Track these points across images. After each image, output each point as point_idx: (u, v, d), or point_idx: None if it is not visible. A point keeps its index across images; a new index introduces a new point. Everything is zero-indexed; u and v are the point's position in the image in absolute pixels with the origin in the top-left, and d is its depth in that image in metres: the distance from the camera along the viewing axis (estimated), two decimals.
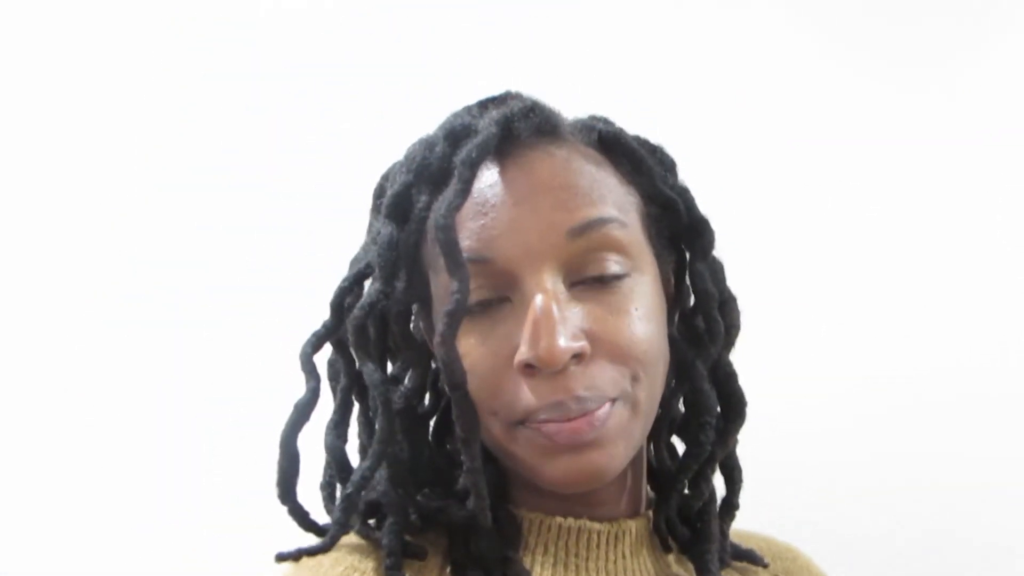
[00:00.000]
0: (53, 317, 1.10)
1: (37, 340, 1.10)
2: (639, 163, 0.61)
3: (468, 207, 0.55)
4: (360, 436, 0.64)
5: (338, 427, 0.63)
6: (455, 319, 0.53)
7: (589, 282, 0.55)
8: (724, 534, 0.66)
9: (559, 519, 0.60)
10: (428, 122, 0.64)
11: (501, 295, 0.55)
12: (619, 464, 0.55)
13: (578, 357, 0.53)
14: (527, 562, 0.59)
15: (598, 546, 0.60)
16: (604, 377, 0.54)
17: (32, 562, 1.05)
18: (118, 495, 1.06)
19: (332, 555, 0.58)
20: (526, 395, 0.53)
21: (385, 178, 0.64)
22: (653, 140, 0.65)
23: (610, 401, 0.54)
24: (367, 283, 0.61)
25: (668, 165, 0.65)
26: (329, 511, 0.63)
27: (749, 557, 0.69)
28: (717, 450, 0.63)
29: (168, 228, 1.11)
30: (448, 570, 0.59)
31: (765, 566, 0.69)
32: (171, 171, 1.12)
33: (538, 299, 0.53)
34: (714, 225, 0.63)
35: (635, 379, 0.55)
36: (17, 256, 1.12)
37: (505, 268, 0.54)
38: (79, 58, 1.14)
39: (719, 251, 0.64)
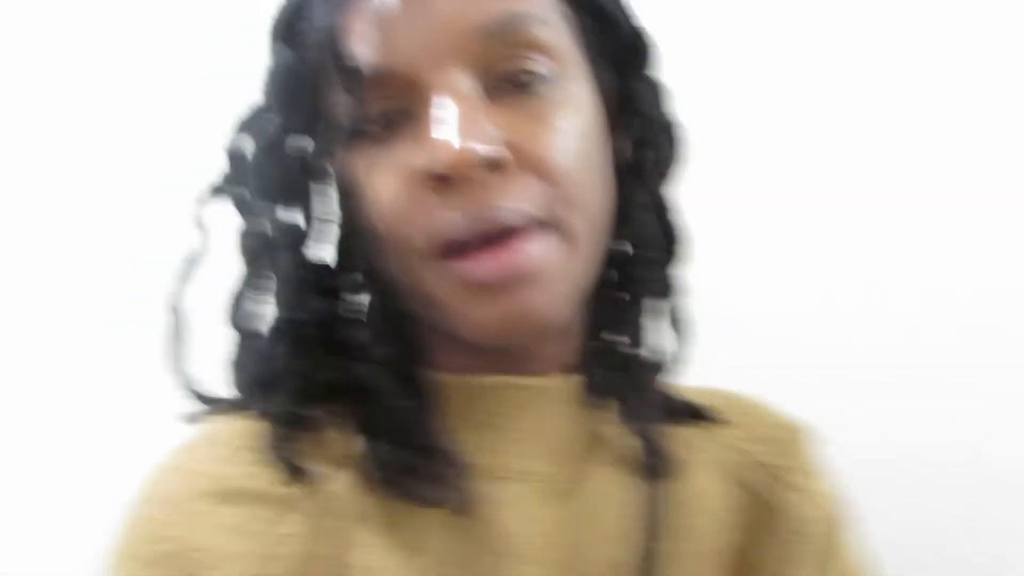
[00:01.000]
0: (52, 316, 1.10)
1: (36, 339, 1.09)
2: None
3: (360, 11, 0.49)
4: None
5: (245, 297, 0.56)
6: (349, 138, 0.48)
7: (507, 88, 0.49)
8: (670, 386, 0.61)
9: (480, 378, 0.54)
10: None
11: (406, 109, 0.49)
12: (560, 306, 0.49)
13: (496, 167, 0.46)
14: (447, 429, 0.53)
15: (524, 404, 0.54)
16: (528, 193, 0.47)
17: (32, 562, 1.03)
18: (117, 495, 1.04)
19: (227, 431, 0.52)
20: (438, 213, 0.47)
21: (281, 10, 0.56)
22: None
23: (538, 224, 0.47)
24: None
25: None
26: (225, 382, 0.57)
27: (706, 413, 0.62)
28: (659, 290, 0.57)
29: (167, 228, 1.08)
30: (356, 445, 0.53)
31: (724, 421, 0.62)
32: (170, 171, 1.09)
33: (444, 98, 0.47)
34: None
35: (567, 203, 0.48)
36: (16, 255, 1.10)
37: (407, 75, 0.48)
38: (77, 57, 1.14)
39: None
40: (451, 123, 0.46)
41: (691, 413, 0.61)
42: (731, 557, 0.58)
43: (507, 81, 0.49)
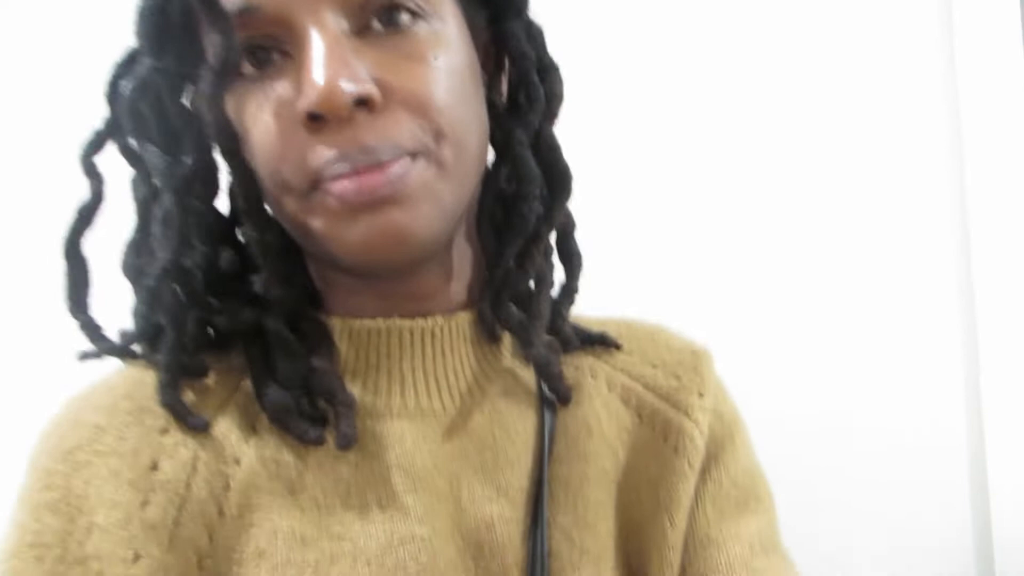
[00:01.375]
0: (51, 316, 1.08)
1: (35, 338, 1.08)
2: None
3: None
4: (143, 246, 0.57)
5: (138, 245, 0.56)
6: (220, 76, 0.48)
7: (377, 28, 0.49)
8: (562, 317, 0.62)
9: (367, 320, 0.55)
10: None
11: (276, 47, 0.49)
12: (425, 226, 0.50)
13: (367, 105, 0.47)
14: (335, 370, 0.54)
15: (412, 344, 0.56)
16: (399, 129, 0.48)
17: None
18: None
19: (113, 382, 0.53)
20: (312, 152, 0.48)
21: None
22: None
23: (409, 156, 0.48)
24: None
25: None
26: (97, 334, 0.57)
27: (600, 340, 0.64)
28: (543, 226, 0.59)
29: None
30: (243, 389, 0.54)
31: (618, 348, 0.64)
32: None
33: (314, 37, 0.47)
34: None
35: (438, 135, 0.50)
36: (16, 255, 1.11)
37: (276, 13, 0.48)
38: (76, 55, 1.12)
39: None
40: (321, 63, 0.46)
41: (585, 340, 0.63)
42: (621, 476, 0.60)
43: (377, 19, 0.49)
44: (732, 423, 0.65)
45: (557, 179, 0.59)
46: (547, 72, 0.59)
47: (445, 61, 0.51)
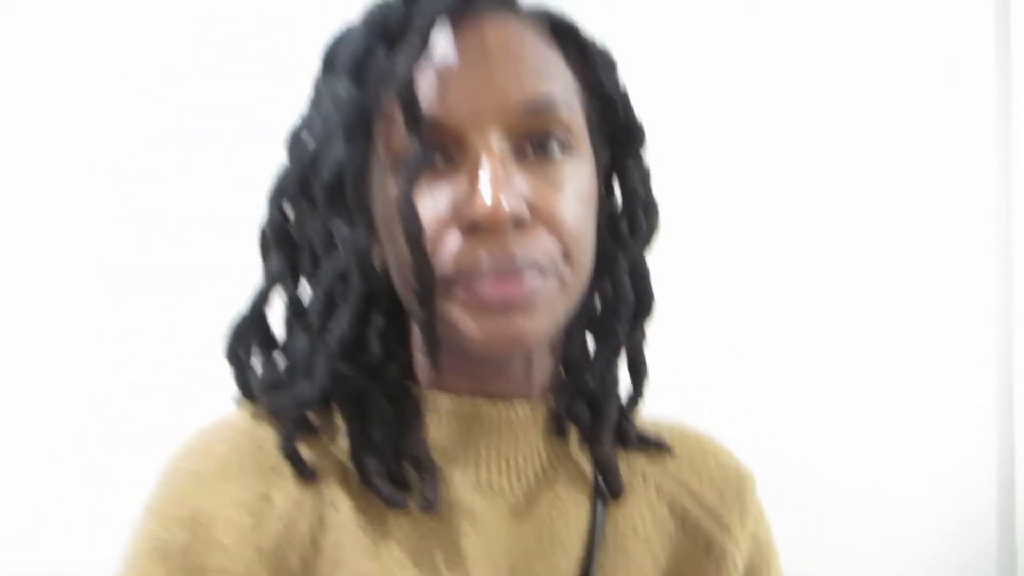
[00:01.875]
0: (51, 315, 1.13)
1: (35, 337, 1.13)
2: (587, 54, 0.65)
3: (426, 67, 0.57)
4: (295, 308, 0.64)
5: (266, 294, 0.65)
6: (415, 173, 0.56)
7: (531, 156, 0.58)
8: (628, 419, 0.69)
9: (455, 397, 0.62)
10: None
11: (447, 155, 0.58)
12: (541, 334, 0.58)
13: (518, 222, 0.56)
14: (425, 440, 0.61)
15: (491, 426, 0.63)
16: (539, 246, 0.57)
17: (32, 561, 1.07)
18: (116, 494, 1.04)
19: (241, 421, 0.61)
20: (464, 252, 0.56)
21: (337, 42, 0.64)
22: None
23: (540, 271, 0.57)
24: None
25: (611, 65, 0.68)
26: (242, 379, 0.65)
27: (655, 443, 0.70)
28: (626, 341, 0.67)
29: (165, 226, 1.15)
30: (340, 444, 0.61)
31: (672, 454, 0.70)
32: (171, 169, 1.16)
33: (486, 160, 0.56)
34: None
35: (566, 256, 0.58)
36: (15, 254, 1.15)
37: (455, 129, 0.57)
38: (74, 54, 1.18)
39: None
40: (489, 183, 0.55)
41: (644, 443, 0.70)
42: None
43: (531, 146, 0.59)
44: (768, 551, 0.71)
45: (644, 302, 0.68)
46: (651, 207, 0.68)
47: (579, 191, 0.60)
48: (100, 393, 1.09)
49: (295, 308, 0.64)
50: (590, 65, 0.65)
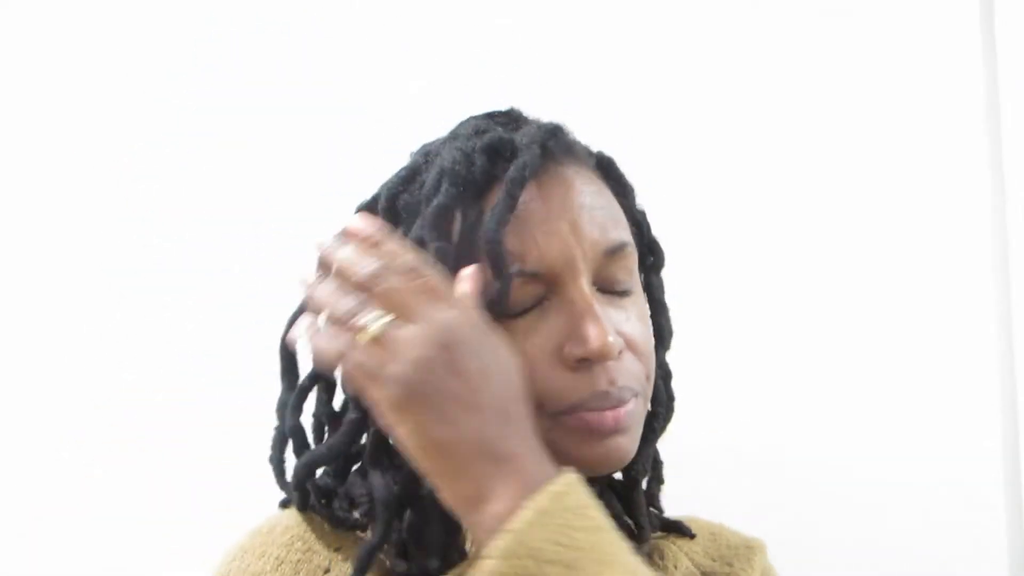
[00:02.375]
0: (51, 315, 1.12)
1: (35, 337, 1.12)
2: (624, 187, 0.71)
3: (517, 222, 0.61)
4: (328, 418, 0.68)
5: (297, 407, 0.69)
6: (494, 311, 0.59)
7: (609, 294, 0.64)
8: (654, 506, 0.75)
9: None
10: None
11: (540, 296, 0.62)
12: (634, 448, 0.64)
13: (620, 353, 0.62)
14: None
15: None
16: (633, 372, 0.63)
17: (32, 561, 1.08)
18: (116, 494, 1.09)
19: (288, 524, 0.67)
20: (575, 385, 0.61)
21: (427, 192, 0.64)
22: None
23: (635, 394, 0.63)
24: None
25: (634, 190, 0.74)
26: (282, 485, 0.70)
27: (676, 528, 0.77)
28: (657, 436, 0.74)
29: (165, 226, 1.14)
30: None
31: (691, 537, 0.77)
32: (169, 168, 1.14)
33: (582, 298, 0.61)
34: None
35: (647, 377, 0.65)
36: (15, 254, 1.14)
37: (550, 277, 0.61)
38: (74, 54, 1.16)
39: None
40: (595, 322, 0.60)
41: (663, 527, 0.76)
42: None
43: (609, 285, 0.64)
44: None
45: (668, 401, 0.76)
46: (668, 315, 0.75)
47: (643, 316, 0.67)
48: (100, 393, 1.10)
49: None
50: (627, 194, 0.72)
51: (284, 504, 0.72)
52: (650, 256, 0.74)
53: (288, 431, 0.69)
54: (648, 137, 1.10)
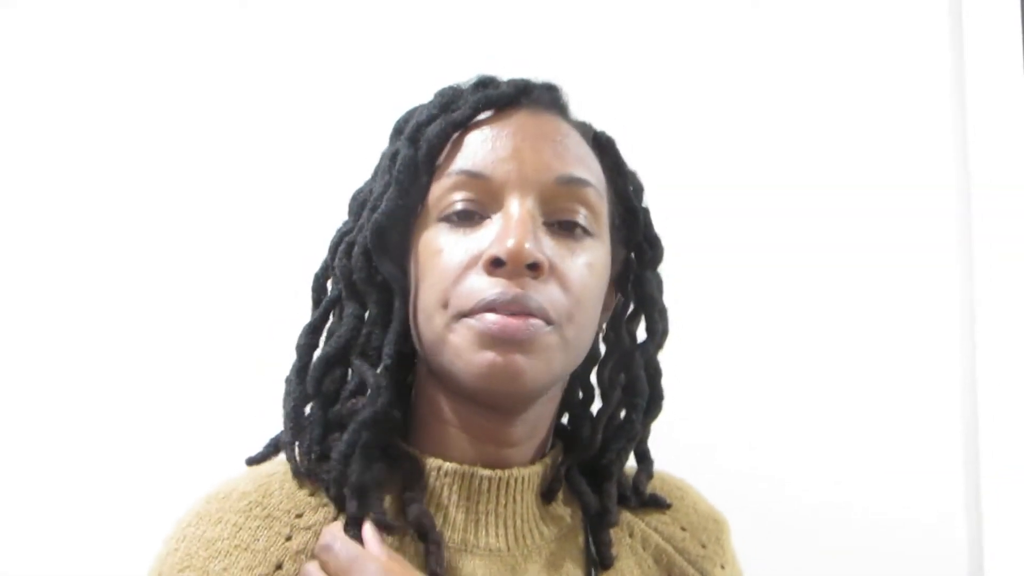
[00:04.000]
0: (51, 314, 1.12)
1: (35, 337, 1.12)
2: (620, 167, 0.73)
3: (479, 134, 0.66)
4: (341, 340, 0.68)
5: (316, 332, 0.71)
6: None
7: (559, 227, 0.65)
8: (637, 490, 0.76)
9: (455, 465, 0.67)
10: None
11: (483, 213, 0.65)
12: (535, 377, 0.62)
13: (536, 269, 0.62)
14: (425, 501, 0.65)
15: (489, 490, 0.67)
16: (551, 297, 0.63)
17: (32, 562, 1.07)
18: (116, 494, 1.08)
19: (246, 486, 0.65)
20: (483, 286, 0.61)
21: (406, 115, 0.72)
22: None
23: (547, 319, 0.62)
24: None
25: (639, 186, 0.76)
26: (294, 427, 0.68)
27: (654, 502, 0.77)
28: (640, 432, 0.74)
29: (166, 225, 1.14)
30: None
31: (669, 506, 0.77)
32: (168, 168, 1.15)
33: (516, 209, 0.63)
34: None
35: (570, 317, 0.64)
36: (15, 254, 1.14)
37: (497, 188, 0.64)
38: (76, 54, 1.17)
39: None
40: (517, 229, 0.62)
41: (640, 504, 0.76)
42: None
43: (559, 224, 0.66)
44: None
45: (655, 398, 0.75)
46: (663, 313, 0.76)
47: (593, 267, 0.66)
48: (100, 393, 1.10)
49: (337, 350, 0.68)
50: (621, 176, 0.73)
51: (252, 461, 0.70)
52: (648, 249, 0.75)
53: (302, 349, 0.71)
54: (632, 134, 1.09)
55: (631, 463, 0.77)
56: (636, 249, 0.75)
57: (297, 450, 0.67)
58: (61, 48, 1.17)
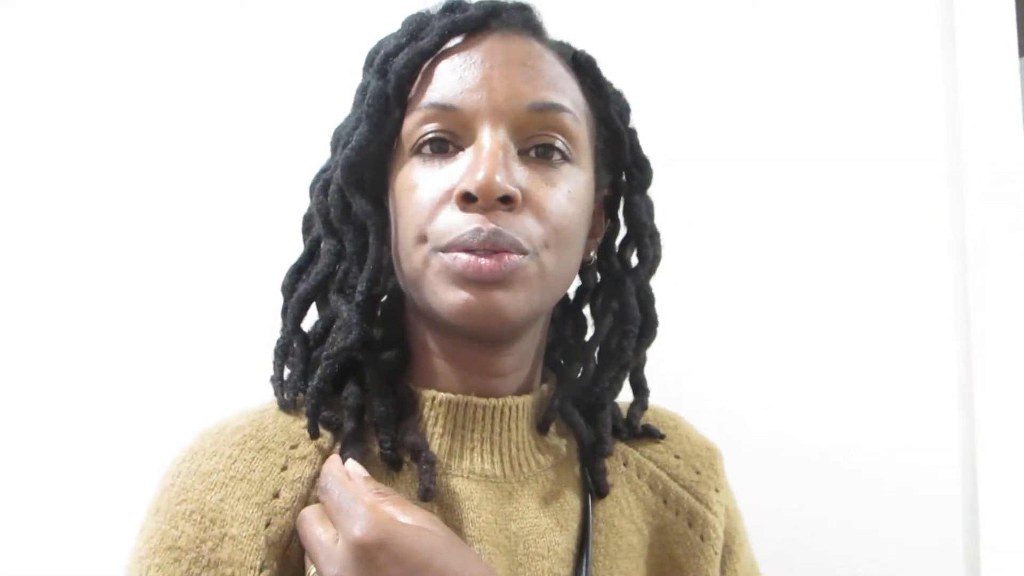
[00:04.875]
0: (51, 314, 1.12)
1: (35, 337, 1.11)
2: (601, 88, 0.70)
3: (448, 63, 0.64)
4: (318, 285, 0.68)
5: (300, 271, 0.70)
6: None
7: (534, 155, 0.64)
8: (631, 422, 0.75)
9: (448, 394, 0.67)
10: None
11: (456, 144, 0.63)
12: (516, 311, 0.61)
13: (509, 202, 0.60)
14: (420, 430, 0.66)
15: (483, 419, 0.67)
16: (524, 228, 0.61)
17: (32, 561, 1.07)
18: (115, 494, 1.08)
19: (244, 421, 0.64)
20: (457, 222, 0.60)
21: (376, 46, 0.69)
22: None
23: (521, 252, 0.61)
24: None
25: (625, 106, 0.73)
26: (280, 363, 0.69)
27: (647, 433, 0.77)
28: (633, 359, 0.73)
29: (166, 225, 1.13)
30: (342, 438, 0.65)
31: (662, 437, 0.77)
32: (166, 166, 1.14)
33: (487, 141, 0.61)
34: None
35: (547, 245, 0.63)
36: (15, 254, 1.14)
37: (467, 119, 0.62)
38: (78, 54, 1.16)
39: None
40: (487, 162, 0.60)
41: (633, 435, 0.76)
42: (647, 552, 0.73)
43: (535, 150, 0.64)
44: (736, 518, 0.79)
45: (649, 324, 0.73)
46: (655, 237, 0.73)
47: (572, 195, 0.64)
48: (100, 393, 1.10)
49: (319, 288, 0.68)
50: (603, 97, 0.70)
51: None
52: (636, 173, 0.72)
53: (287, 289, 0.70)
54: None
55: (628, 396, 0.77)
56: (624, 173, 0.72)
57: (284, 386, 0.67)
58: (61, 48, 1.17)
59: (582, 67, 0.70)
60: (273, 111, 1.15)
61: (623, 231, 0.74)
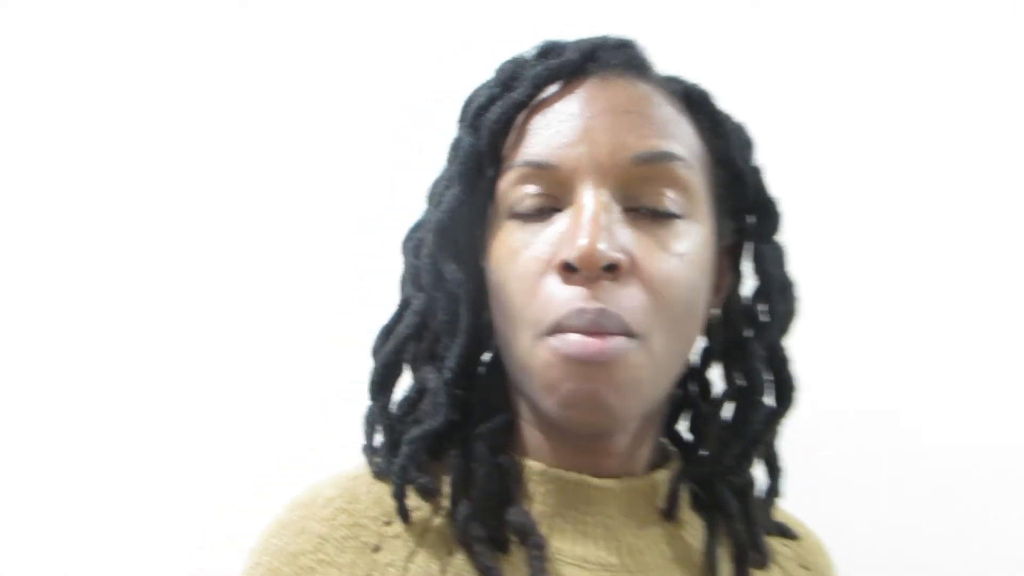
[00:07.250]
0: (51, 314, 1.11)
1: (35, 336, 1.10)
2: (719, 125, 0.62)
3: (543, 116, 0.58)
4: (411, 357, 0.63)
5: (388, 334, 0.64)
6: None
7: (644, 212, 0.57)
8: (766, 514, 0.67)
9: (560, 471, 0.60)
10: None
11: (557, 205, 0.57)
12: (621, 404, 0.55)
13: (614, 270, 0.54)
14: (526, 508, 0.59)
15: (598, 501, 0.60)
16: (632, 303, 0.54)
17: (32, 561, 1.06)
18: (115, 494, 1.06)
19: (332, 492, 0.60)
20: (556, 298, 0.54)
21: (470, 96, 0.64)
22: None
23: (628, 336, 0.54)
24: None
25: (746, 141, 0.65)
26: (369, 431, 0.64)
27: (781, 531, 0.69)
28: (764, 432, 0.64)
29: (167, 225, 1.11)
30: (444, 512, 0.59)
31: (795, 538, 0.69)
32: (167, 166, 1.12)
33: (588, 202, 0.55)
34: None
35: (659, 324, 0.55)
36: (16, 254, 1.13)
37: (567, 177, 0.56)
38: (81, 54, 1.14)
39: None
40: (588, 226, 0.54)
41: (778, 531, 0.68)
42: None
43: (646, 211, 0.57)
44: None
45: (784, 390, 0.64)
46: (788, 290, 0.64)
47: (691, 257, 0.57)
48: (100, 393, 1.08)
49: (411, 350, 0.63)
50: (721, 136, 0.62)
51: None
52: (762, 217, 0.64)
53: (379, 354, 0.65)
54: None
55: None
56: (746, 216, 0.64)
57: (376, 452, 0.63)
58: (61, 48, 1.15)
59: (696, 104, 0.62)
60: (273, 111, 1.12)
61: (750, 280, 0.65)
